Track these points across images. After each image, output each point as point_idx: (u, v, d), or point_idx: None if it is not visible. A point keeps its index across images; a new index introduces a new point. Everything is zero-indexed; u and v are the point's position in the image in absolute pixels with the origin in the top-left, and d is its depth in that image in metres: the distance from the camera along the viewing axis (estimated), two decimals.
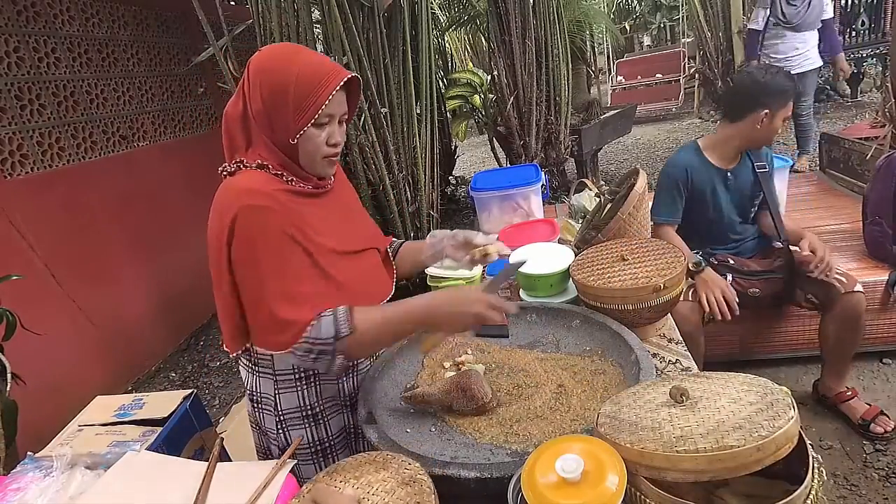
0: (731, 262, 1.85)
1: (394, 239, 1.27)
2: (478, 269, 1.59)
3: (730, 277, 1.79)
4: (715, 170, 1.83)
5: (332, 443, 1.05)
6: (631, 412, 0.72)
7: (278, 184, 0.92)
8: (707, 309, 1.69)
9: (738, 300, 1.70)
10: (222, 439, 0.97)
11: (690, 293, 1.77)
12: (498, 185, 2.31)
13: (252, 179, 0.90)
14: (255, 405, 1.05)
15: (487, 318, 0.88)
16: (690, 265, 1.71)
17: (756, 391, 0.69)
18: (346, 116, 0.98)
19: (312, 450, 1.03)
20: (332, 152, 0.96)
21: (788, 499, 0.59)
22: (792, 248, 1.81)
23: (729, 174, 1.83)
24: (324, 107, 0.89)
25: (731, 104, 1.78)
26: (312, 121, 0.89)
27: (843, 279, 1.70)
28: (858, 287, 1.69)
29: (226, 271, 0.88)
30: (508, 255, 1.16)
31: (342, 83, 0.90)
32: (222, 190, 0.91)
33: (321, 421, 1.03)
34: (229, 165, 0.94)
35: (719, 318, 1.68)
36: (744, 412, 0.64)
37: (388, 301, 1.06)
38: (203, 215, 0.89)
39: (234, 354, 0.97)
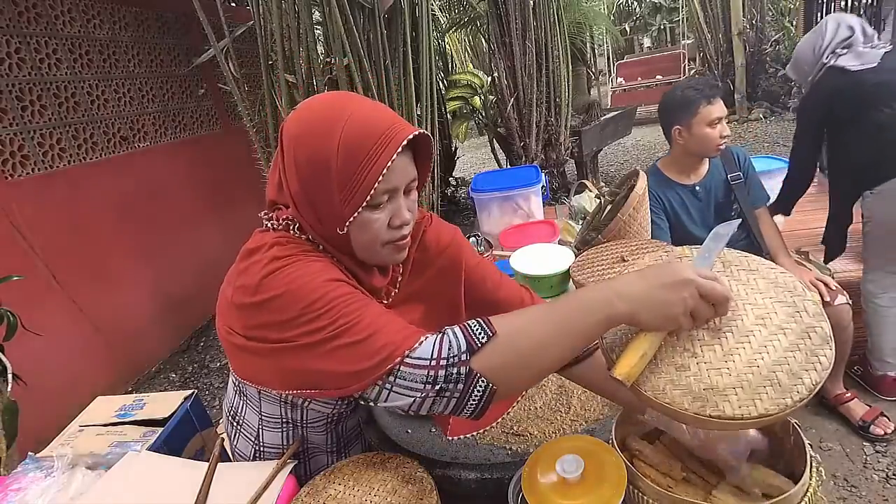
0: None
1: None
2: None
3: None
4: (680, 186, 1.87)
5: (311, 474, 0.92)
6: (647, 416, 0.69)
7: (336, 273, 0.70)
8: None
9: None
10: (223, 440, 0.97)
11: None
12: (498, 187, 2.31)
13: (290, 250, 0.69)
14: (234, 424, 0.91)
15: (697, 311, 0.59)
16: None
17: (786, 305, 0.61)
18: (416, 183, 0.74)
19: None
20: (398, 236, 0.72)
21: (785, 495, 0.59)
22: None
23: (697, 188, 1.86)
24: (379, 182, 0.65)
25: (662, 128, 1.90)
26: (364, 203, 0.66)
27: (825, 291, 1.70)
28: (840, 300, 1.68)
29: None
30: None
31: (403, 145, 0.66)
32: (250, 247, 0.72)
33: (302, 462, 0.90)
34: (280, 219, 0.73)
35: None
36: (778, 350, 0.57)
37: None
38: (204, 216, 0.85)
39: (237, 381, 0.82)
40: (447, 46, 6.07)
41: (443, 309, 0.86)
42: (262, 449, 0.88)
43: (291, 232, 0.73)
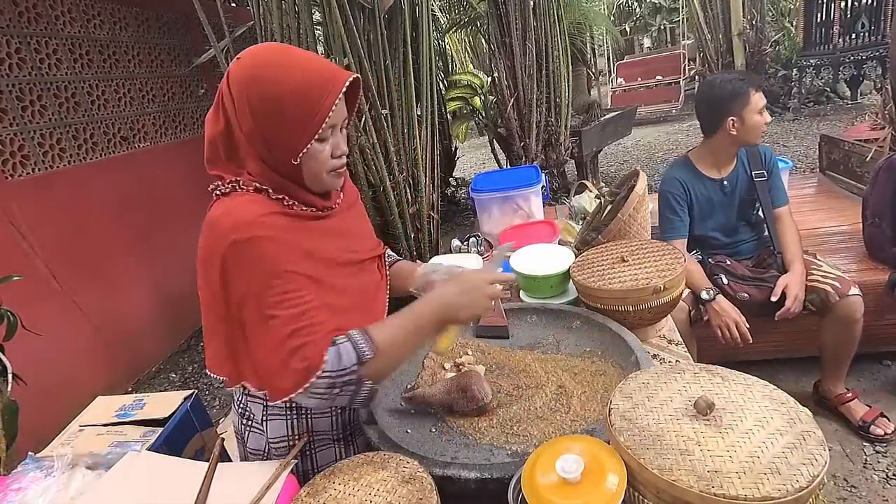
0: (728, 263, 1.86)
1: (389, 251, 1.18)
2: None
3: (724, 279, 1.80)
4: (709, 181, 1.85)
5: (317, 470, 0.96)
6: (649, 417, 0.70)
7: (276, 207, 0.82)
8: (722, 340, 1.70)
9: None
10: (223, 440, 0.97)
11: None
12: (498, 187, 2.31)
13: (246, 206, 0.79)
14: (244, 422, 0.99)
15: (494, 295, 0.89)
16: (703, 295, 1.73)
17: (781, 413, 0.67)
18: (347, 122, 0.89)
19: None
20: (339, 164, 0.86)
21: (779, 500, 0.59)
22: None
23: (725, 182, 1.84)
24: (328, 119, 0.79)
25: (702, 120, 1.83)
26: (316, 136, 0.79)
27: (838, 284, 1.70)
28: (854, 291, 1.69)
29: (222, 305, 0.80)
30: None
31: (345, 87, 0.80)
32: (213, 218, 0.79)
33: (308, 454, 0.96)
34: (223, 184, 0.83)
35: (732, 345, 1.69)
36: (776, 447, 0.62)
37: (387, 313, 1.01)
38: (204, 216, 0.86)
39: (219, 377, 0.87)
40: (447, 47, 6.08)
41: (368, 223, 1.08)
42: (269, 445, 0.94)
43: (239, 189, 0.82)
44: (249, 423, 0.98)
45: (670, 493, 0.60)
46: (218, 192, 0.83)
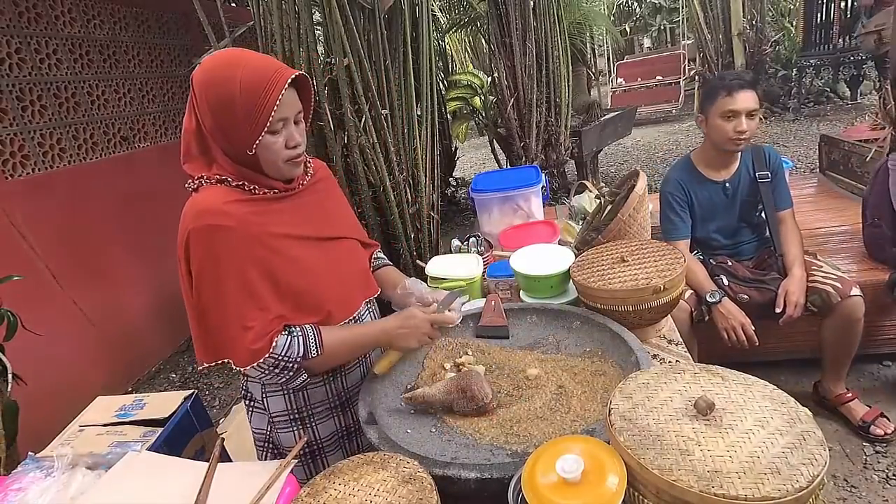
0: (729, 264, 1.86)
1: (379, 253, 1.27)
2: (478, 270, 1.59)
3: (725, 280, 1.80)
4: (711, 183, 1.85)
5: (322, 445, 1.08)
6: (649, 417, 0.70)
7: (238, 195, 0.91)
8: (728, 343, 1.70)
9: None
10: (223, 440, 0.97)
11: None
12: (498, 187, 2.31)
13: (209, 197, 0.89)
14: (248, 404, 1.11)
15: (431, 335, 1.02)
16: (708, 297, 1.72)
17: (781, 413, 0.67)
18: (303, 114, 0.97)
19: (301, 452, 1.03)
20: (294, 154, 0.94)
21: (779, 499, 0.59)
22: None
23: (727, 184, 1.83)
24: (274, 112, 0.87)
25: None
26: (265, 128, 0.87)
27: (839, 285, 1.70)
28: (855, 291, 1.69)
29: (188, 290, 0.90)
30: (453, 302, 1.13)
31: (289, 83, 0.88)
32: (182, 214, 0.90)
33: (309, 424, 1.06)
34: (192, 181, 0.93)
35: (738, 347, 1.70)
36: (776, 447, 0.62)
37: (370, 300, 1.13)
38: None
39: (205, 366, 0.96)
40: (447, 47, 6.08)
41: (345, 203, 1.16)
42: (272, 420, 1.05)
43: (204, 184, 0.92)
44: (252, 403, 1.09)
45: (670, 493, 0.60)
46: (191, 189, 0.93)
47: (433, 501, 0.68)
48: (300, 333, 0.93)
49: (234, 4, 4.36)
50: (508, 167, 4.21)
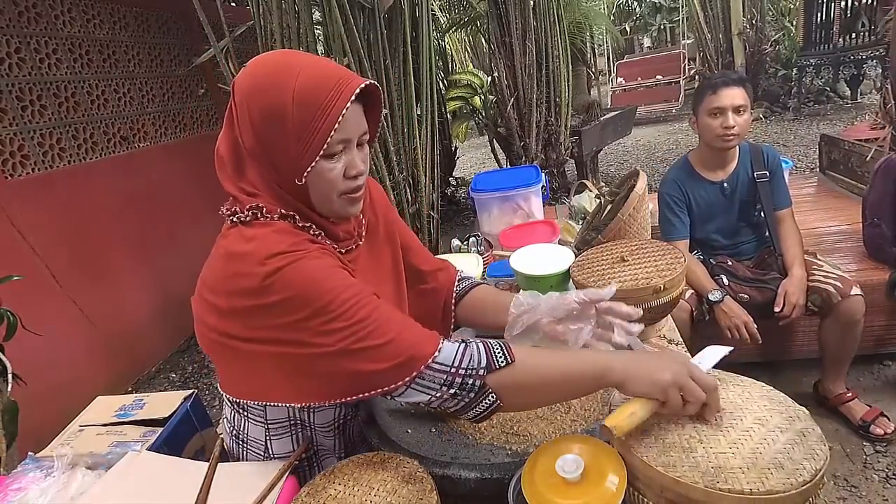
0: (729, 264, 1.86)
1: (462, 274, 1.01)
2: (478, 270, 1.56)
3: (725, 280, 1.80)
4: (709, 184, 1.85)
5: (317, 449, 0.96)
6: (650, 417, 0.69)
7: (307, 238, 0.73)
8: (731, 341, 1.70)
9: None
10: (223, 440, 0.97)
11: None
12: (498, 187, 2.31)
13: (278, 238, 0.69)
14: (240, 443, 0.91)
15: (686, 388, 0.64)
16: (711, 297, 1.73)
17: (780, 412, 0.68)
18: (367, 137, 0.77)
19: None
20: (352, 187, 0.74)
21: (783, 494, 0.59)
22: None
23: (725, 184, 1.84)
24: (334, 132, 0.68)
25: None
26: (322, 152, 0.69)
27: (839, 284, 1.70)
28: (855, 290, 1.69)
29: (244, 342, 0.70)
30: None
31: (355, 95, 0.69)
32: (238, 252, 0.69)
33: (315, 465, 0.91)
34: (242, 212, 0.72)
35: (741, 346, 1.70)
36: (778, 443, 0.62)
37: None
38: (204, 216, 0.84)
39: (234, 399, 0.79)
40: (447, 46, 6.07)
41: (398, 259, 0.94)
42: (273, 459, 0.88)
43: (261, 218, 0.72)
44: (246, 445, 0.90)
45: (675, 489, 0.61)
46: (236, 220, 0.73)
47: (433, 501, 0.68)
48: (473, 342, 0.70)
49: (234, 4, 4.36)
50: (508, 167, 4.20)
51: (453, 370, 0.68)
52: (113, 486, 0.86)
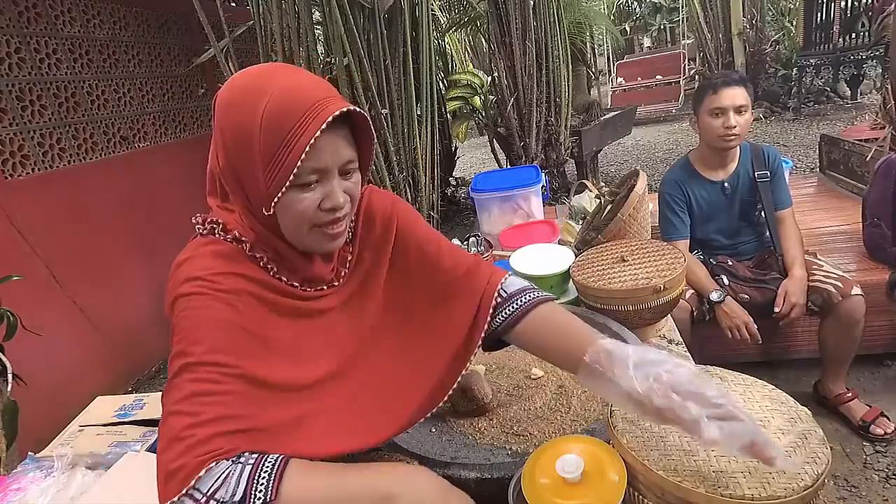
0: (729, 264, 1.86)
1: (510, 281, 0.81)
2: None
3: (725, 280, 1.80)
4: (709, 183, 1.85)
5: None
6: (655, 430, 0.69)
7: (248, 270, 0.67)
8: (732, 342, 1.71)
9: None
10: None
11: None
12: (498, 187, 2.31)
13: (205, 262, 0.65)
14: None
15: None
16: (712, 297, 1.73)
17: (782, 413, 0.68)
18: (354, 165, 0.68)
19: None
20: (327, 220, 0.66)
21: (785, 499, 0.59)
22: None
23: (725, 184, 1.84)
24: (301, 161, 0.60)
25: None
26: (288, 182, 0.61)
27: (840, 284, 1.70)
28: (856, 290, 1.68)
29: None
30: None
31: (338, 120, 0.62)
32: (176, 262, 0.68)
33: None
34: (204, 223, 0.70)
35: (742, 346, 1.70)
36: (779, 446, 0.62)
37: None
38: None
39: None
40: (447, 46, 6.07)
41: (409, 291, 0.79)
42: None
43: (216, 235, 0.69)
44: None
45: (676, 494, 0.60)
46: (198, 229, 0.71)
47: None
48: (249, 460, 0.56)
49: (234, 4, 4.36)
50: (508, 167, 4.20)
51: (203, 499, 0.53)
52: (113, 486, 0.86)
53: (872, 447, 1.70)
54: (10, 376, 1.53)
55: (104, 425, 1.16)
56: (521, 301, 0.78)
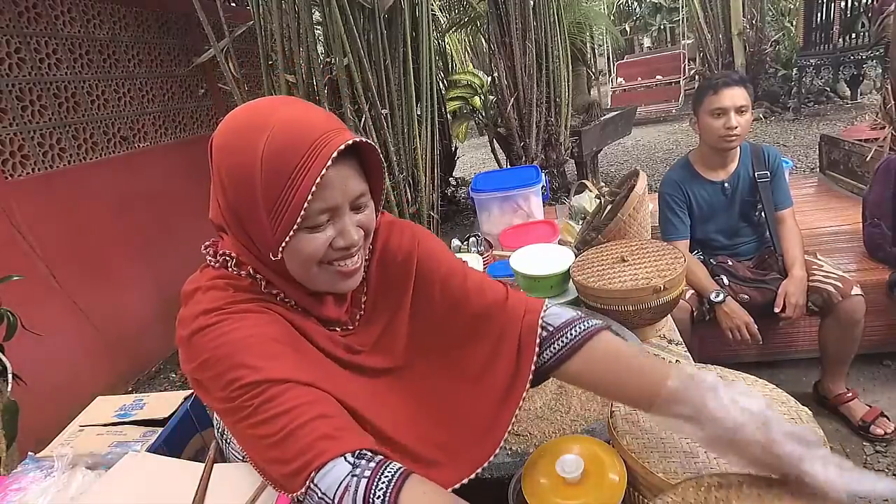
0: (729, 264, 1.86)
1: (553, 311, 0.75)
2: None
3: (725, 280, 1.80)
4: (709, 183, 1.85)
5: None
6: (651, 420, 0.69)
7: (272, 304, 0.65)
8: (732, 342, 1.71)
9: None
10: (217, 441, 0.97)
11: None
12: (498, 187, 2.31)
13: (219, 295, 0.62)
14: (226, 443, 0.88)
15: None
16: (712, 297, 1.73)
17: (783, 413, 0.67)
18: (365, 198, 0.64)
19: None
20: (339, 256, 0.62)
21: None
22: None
23: (725, 184, 1.83)
24: (308, 203, 0.56)
25: None
26: (295, 226, 0.58)
27: (840, 284, 1.69)
28: (856, 290, 1.68)
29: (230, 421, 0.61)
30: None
31: (343, 152, 0.58)
32: (185, 290, 0.65)
33: None
34: (218, 255, 0.66)
35: (742, 346, 1.70)
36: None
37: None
38: (204, 216, 0.81)
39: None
40: (447, 46, 6.07)
41: (428, 325, 0.74)
42: None
43: (229, 269, 0.65)
44: (228, 444, 0.87)
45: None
46: (209, 260, 0.67)
47: None
48: (359, 471, 0.53)
49: (234, 4, 4.36)
50: (508, 167, 4.21)
51: (322, 497, 0.52)
52: (113, 486, 0.86)
53: (872, 447, 1.71)
54: (10, 376, 1.53)
55: (104, 425, 1.16)
56: (572, 333, 0.70)
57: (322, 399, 0.58)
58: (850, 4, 5.87)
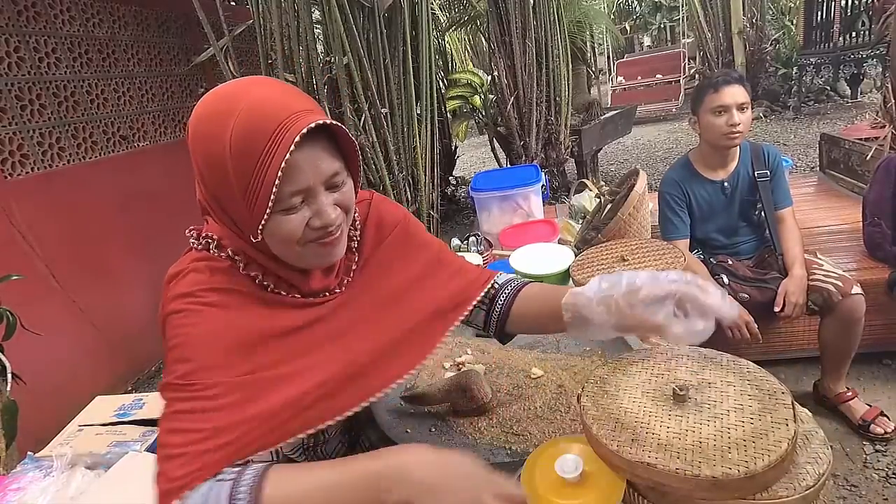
0: (729, 263, 1.86)
1: (503, 278, 0.87)
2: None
3: (725, 279, 1.80)
4: (709, 183, 1.85)
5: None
6: (621, 409, 0.67)
7: (245, 286, 0.66)
8: (732, 341, 1.70)
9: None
10: None
11: None
12: (498, 186, 2.31)
13: (198, 278, 0.64)
14: None
15: None
16: None
17: (758, 399, 0.68)
18: (340, 177, 0.64)
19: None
20: (318, 235, 0.64)
21: (786, 498, 0.59)
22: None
23: (725, 184, 1.83)
24: (277, 186, 0.57)
25: None
26: (269, 208, 0.58)
27: (840, 283, 1.69)
28: (856, 289, 1.68)
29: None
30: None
31: (313, 133, 0.58)
32: (169, 274, 0.67)
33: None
34: (200, 237, 0.68)
35: (742, 345, 1.69)
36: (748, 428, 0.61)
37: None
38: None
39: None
40: (447, 45, 6.07)
41: (415, 297, 0.77)
42: None
43: (211, 251, 0.67)
44: None
45: (651, 478, 0.60)
46: (192, 242, 0.69)
47: None
48: (228, 477, 0.56)
49: (233, 3, 4.36)
50: (508, 166, 4.20)
51: None
52: (112, 486, 0.86)
53: (872, 446, 1.71)
54: (9, 376, 1.52)
55: (103, 425, 1.16)
56: (511, 286, 0.85)
57: (225, 409, 0.59)
58: (850, 3, 5.86)
